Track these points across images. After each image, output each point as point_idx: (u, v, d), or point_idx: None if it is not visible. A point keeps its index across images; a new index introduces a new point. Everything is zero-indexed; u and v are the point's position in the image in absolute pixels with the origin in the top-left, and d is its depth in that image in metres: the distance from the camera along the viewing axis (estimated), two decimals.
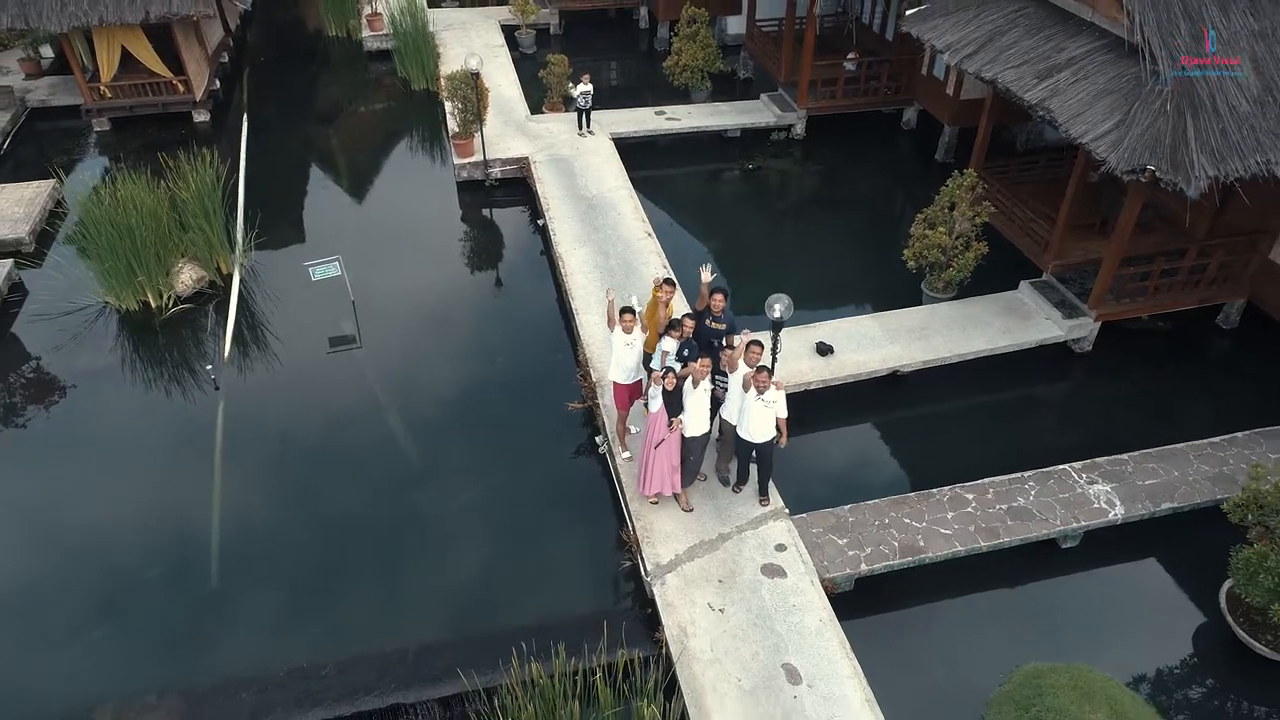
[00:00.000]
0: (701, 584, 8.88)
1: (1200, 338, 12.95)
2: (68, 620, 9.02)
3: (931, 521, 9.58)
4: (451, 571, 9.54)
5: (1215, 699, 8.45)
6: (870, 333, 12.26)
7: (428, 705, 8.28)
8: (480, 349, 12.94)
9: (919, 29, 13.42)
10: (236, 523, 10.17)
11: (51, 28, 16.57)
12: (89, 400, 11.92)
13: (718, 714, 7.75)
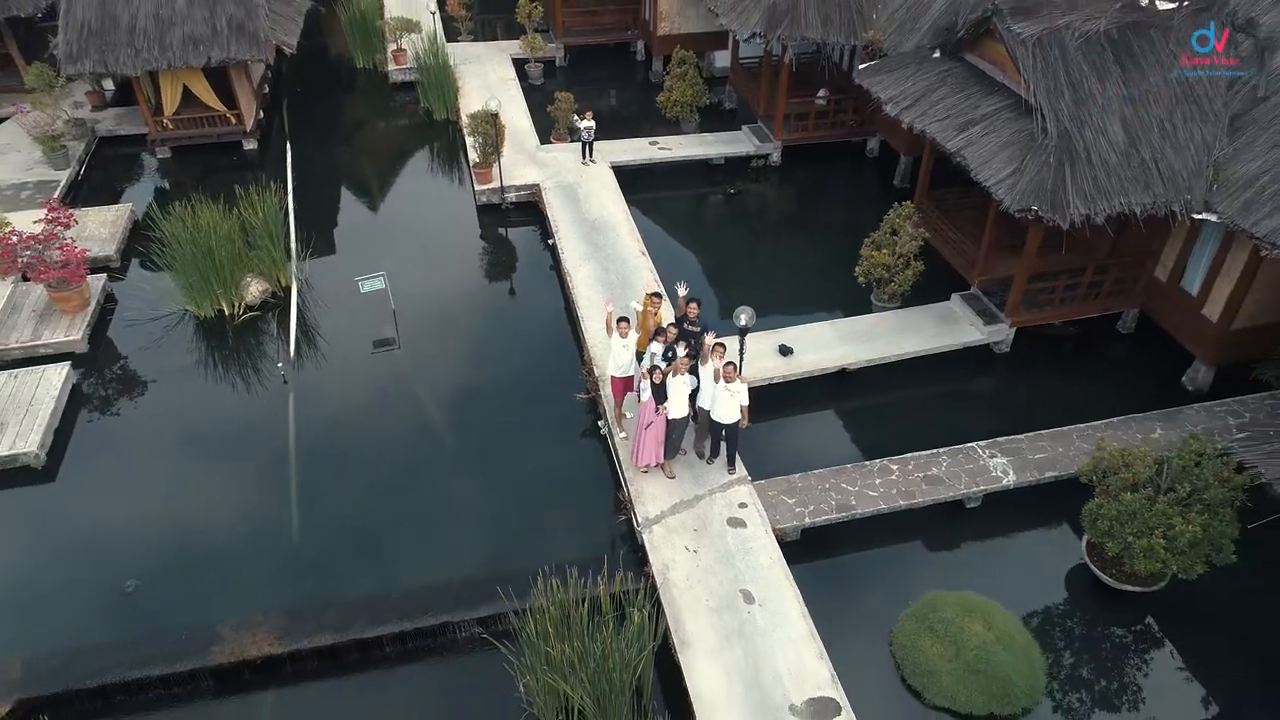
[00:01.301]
0: (680, 532, 11.44)
1: (1102, 340, 15.51)
2: (190, 561, 11.57)
3: (863, 486, 12.14)
4: (482, 524, 12.09)
5: (1071, 616, 11.02)
6: (825, 336, 14.83)
7: (469, 623, 10.84)
8: (501, 350, 15.50)
9: (869, 82, 15.99)
10: (309, 487, 12.71)
11: (128, 72, 19.12)
12: (182, 390, 14.47)
13: (691, 625, 10.31)
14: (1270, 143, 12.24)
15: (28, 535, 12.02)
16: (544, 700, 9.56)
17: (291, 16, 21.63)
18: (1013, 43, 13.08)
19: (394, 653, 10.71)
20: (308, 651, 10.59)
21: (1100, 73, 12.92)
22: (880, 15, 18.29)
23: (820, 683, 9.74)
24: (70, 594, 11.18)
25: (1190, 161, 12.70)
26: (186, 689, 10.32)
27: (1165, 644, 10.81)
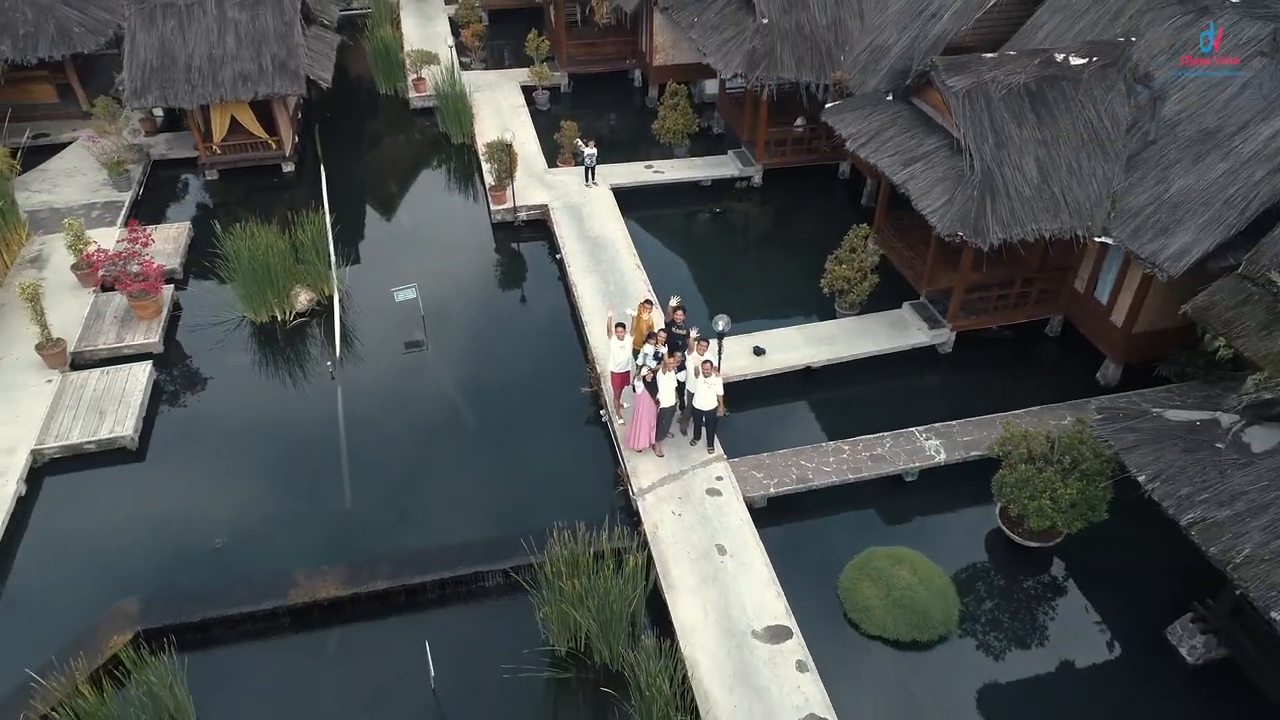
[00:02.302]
0: (668, 500, 13.98)
1: (1031, 342, 18.05)
2: (264, 523, 14.12)
3: (819, 463, 14.68)
4: (503, 495, 14.60)
5: (984, 566, 13.56)
6: (793, 339, 17.38)
7: (497, 573, 13.35)
8: (515, 349, 18.04)
9: (833, 120, 18.53)
10: (358, 465, 15.24)
11: (185, 105, 21.69)
12: (245, 384, 17.03)
13: (675, 570, 12.85)
14: (1156, 179, 14.80)
15: (130, 503, 14.55)
16: (558, 626, 12.10)
17: (325, 52, 24.17)
18: (947, 94, 15.63)
19: (435, 596, 13.24)
20: (366, 595, 13.09)
21: (1019, 119, 15.47)
22: (847, 57, 20.86)
23: (777, 614, 12.28)
24: (169, 550, 13.71)
25: (1093, 194, 15.25)
26: (269, 624, 12.82)
27: (1057, 586, 13.35)
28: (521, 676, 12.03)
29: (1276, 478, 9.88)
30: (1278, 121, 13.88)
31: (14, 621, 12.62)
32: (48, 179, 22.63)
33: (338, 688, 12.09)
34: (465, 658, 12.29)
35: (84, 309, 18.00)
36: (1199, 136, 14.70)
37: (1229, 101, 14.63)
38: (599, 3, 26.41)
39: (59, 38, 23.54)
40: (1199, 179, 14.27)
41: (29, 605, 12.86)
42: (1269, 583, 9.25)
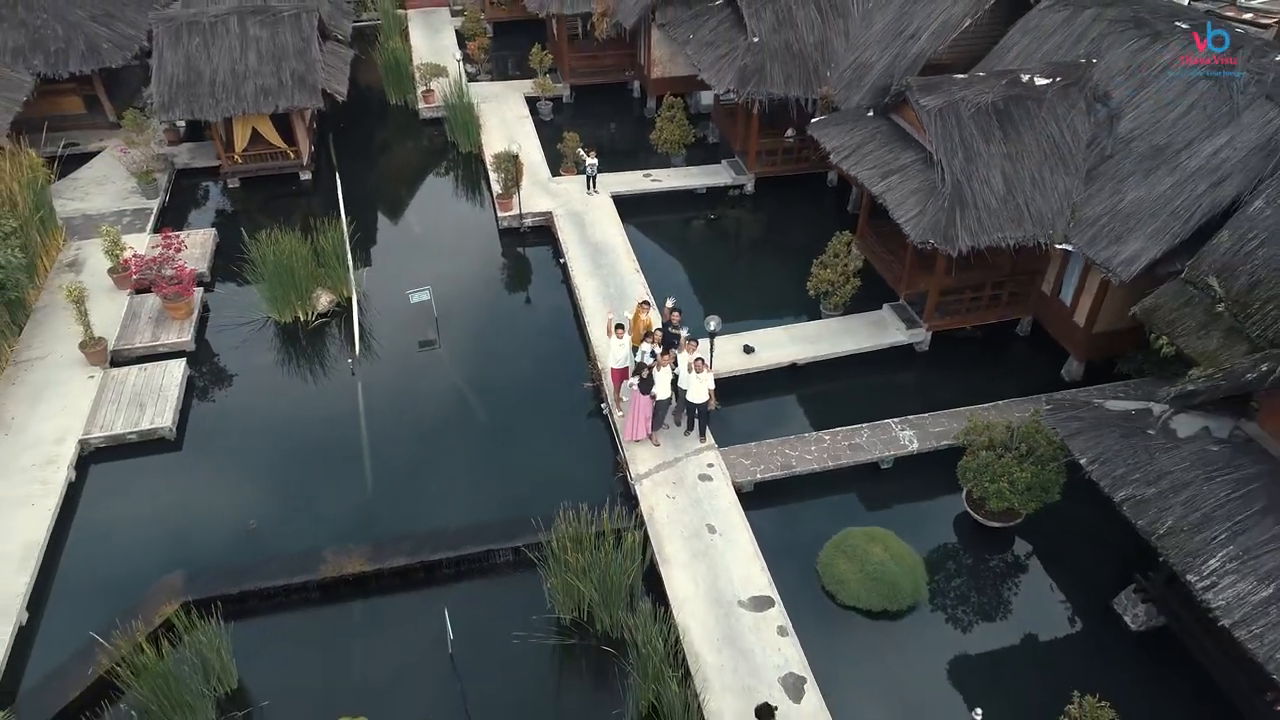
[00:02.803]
0: (663, 485, 15.30)
1: (1002, 341, 19.38)
2: (294, 506, 15.44)
3: (802, 452, 16.00)
4: (513, 480, 15.89)
5: (950, 544, 14.89)
6: (780, 338, 18.70)
7: (508, 550, 14.66)
8: (521, 348, 19.36)
9: (818, 134, 19.86)
10: (378, 453, 16.56)
11: (210, 118, 23.03)
12: (271, 379, 18.36)
13: (669, 547, 14.16)
14: (1111, 191, 16.13)
15: (170, 488, 15.87)
16: (564, 597, 13.43)
17: (340, 67, 25.50)
18: (921, 112, 16.95)
19: (452, 572, 14.56)
20: (388, 571, 14.40)
21: (987, 136, 16.80)
22: (833, 74, 22.19)
23: (761, 586, 13.60)
24: (208, 530, 15.03)
25: (1055, 205, 16.57)
26: (300, 596, 14.13)
27: (1016, 562, 14.67)
28: (531, 642, 13.36)
29: (1196, 459, 11.21)
30: (1219, 139, 15.20)
31: (72, 592, 13.95)
32: (79, 187, 23.95)
33: (364, 653, 13.40)
34: (480, 626, 13.58)
35: (120, 310, 19.30)
36: (1150, 152, 16.03)
37: (1177, 120, 15.96)
38: (599, 18, 27.71)
39: (88, 53, 24.89)
40: (1149, 191, 15.60)
41: (84, 578, 14.18)
42: (1186, 550, 10.56)
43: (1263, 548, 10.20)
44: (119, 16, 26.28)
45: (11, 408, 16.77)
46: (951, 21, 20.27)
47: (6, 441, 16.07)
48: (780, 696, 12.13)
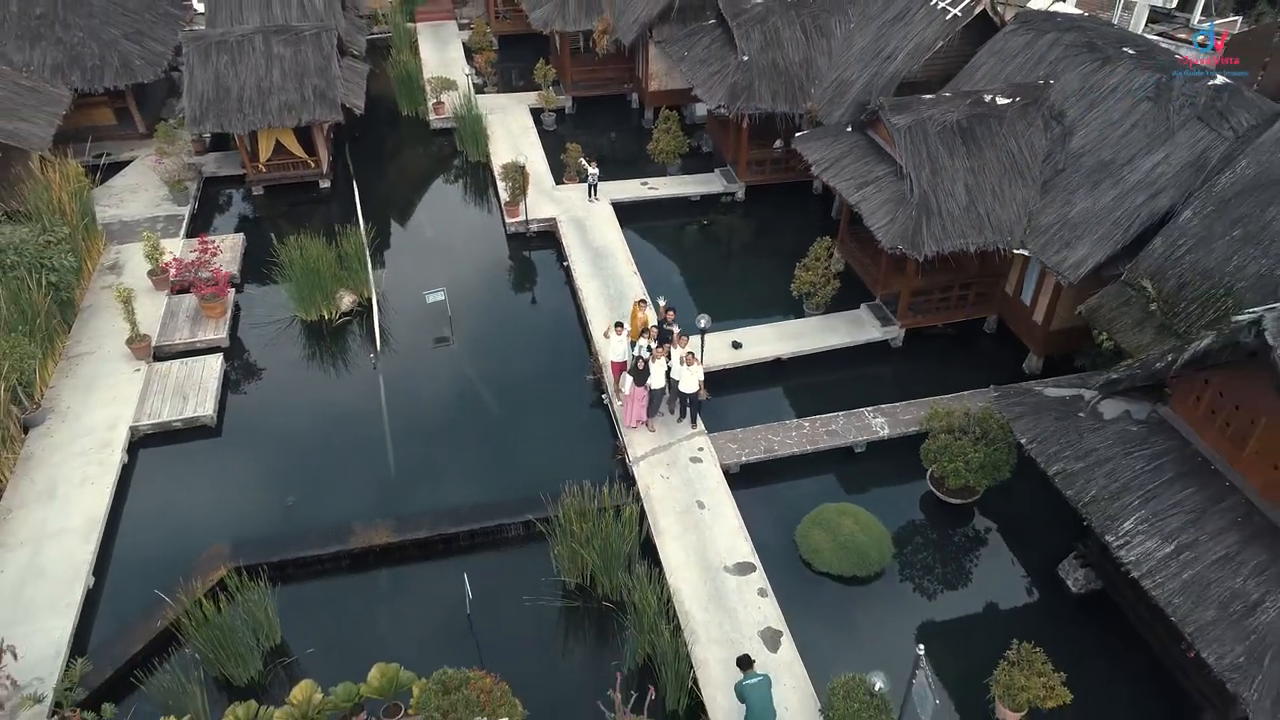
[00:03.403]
0: (658, 466, 17.01)
1: (970, 338, 21.09)
2: (325, 485, 17.14)
3: (784, 437, 17.71)
4: (523, 462, 17.60)
5: (915, 518, 16.60)
6: (766, 335, 20.41)
7: (518, 524, 16.36)
8: (529, 344, 21.07)
9: (801, 148, 21.58)
10: (399, 440, 18.25)
11: (237, 131, 24.74)
12: (300, 373, 20.07)
13: (663, 521, 15.87)
14: (1062, 201, 17.85)
15: (212, 470, 17.58)
16: (569, 564, 15.14)
17: (357, 82, 27.19)
18: (892, 129, 18.67)
19: (468, 543, 16.27)
20: (410, 542, 16.08)
21: (952, 151, 18.51)
22: (817, 90, 23.91)
23: (744, 554, 15.30)
24: (248, 506, 16.73)
25: (1013, 214, 18.28)
26: (333, 564, 15.83)
27: (973, 533, 16.38)
28: (540, 603, 15.08)
29: (1118, 438, 12.91)
30: (1157, 155, 16.92)
31: (132, 559, 15.65)
32: (114, 195, 25.66)
33: (391, 613, 15.10)
34: (494, 590, 15.26)
35: (160, 309, 21.00)
36: (1097, 166, 17.75)
37: (1121, 138, 17.69)
38: (600, 35, 29.42)
39: (122, 69, 26.62)
40: (1095, 202, 17.32)
41: (141, 547, 15.89)
42: (1105, 515, 12.27)
43: (1168, 511, 11.91)
44: (149, 34, 28.05)
45: (67, 398, 18.47)
46: (925, 43, 22.00)
47: (64, 428, 17.77)
48: (759, 648, 13.83)
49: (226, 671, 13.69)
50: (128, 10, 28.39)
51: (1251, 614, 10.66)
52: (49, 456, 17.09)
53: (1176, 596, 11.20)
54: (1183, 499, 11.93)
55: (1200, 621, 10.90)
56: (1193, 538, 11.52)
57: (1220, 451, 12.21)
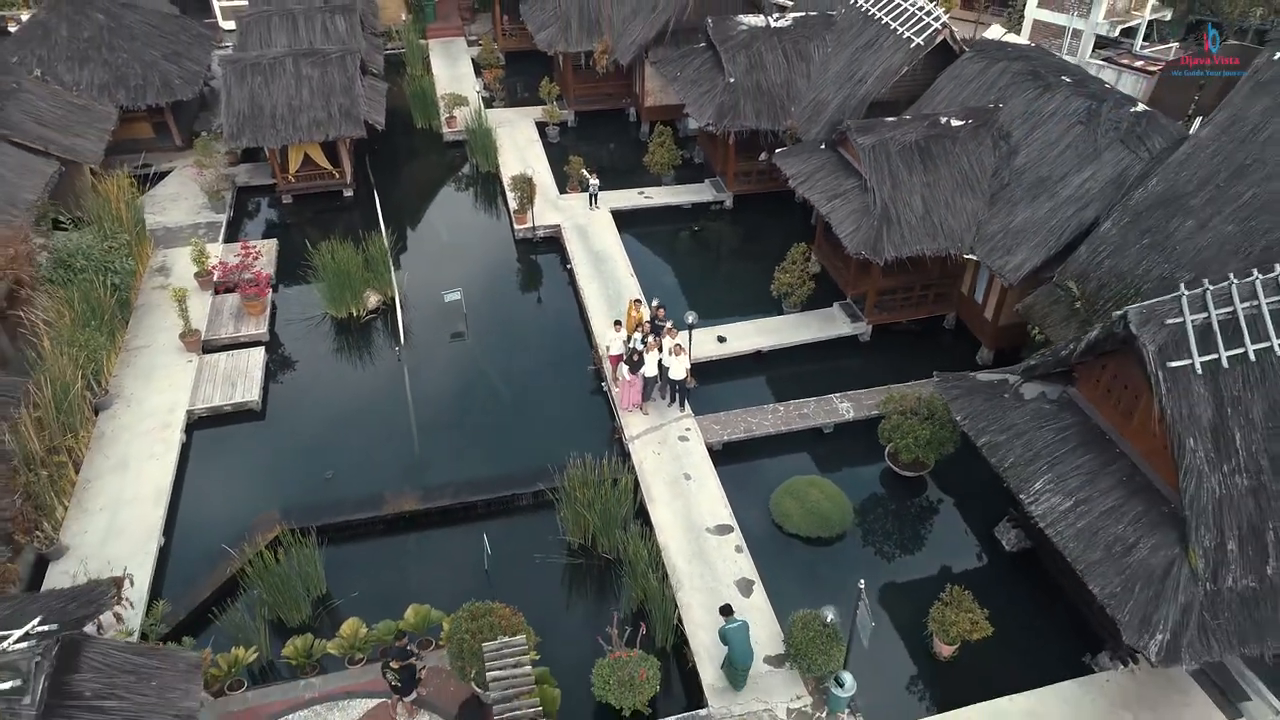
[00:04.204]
0: (651, 444, 19.47)
1: (932, 333, 23.55)
2: (359, 461, 19.60)
3: (761, 419, 20.17)
4: (531, 440, 20.04)
5: (873, 488, 19.07)
6: (748, 330, 22.87)
7: (529, 493, 18.82)
8: (536, 339, 23.55)
9: (781, 162, 24.05)
10: (422, 422, 20.72)
11: (271, 145, 27.22)
12: (332, 364, 22.55)
13: (655, 490, 18.33)
14: (1006, 212, 20.30)
15: (259, 449, 20.05)
16: (573, 526, 17.60)
17: (378, 100, 29.65)
18: (858, 148, 21.13)
19: (482, 511, 18.72)
20: (434, 509, 18.55)
21: (910, 167, 20.97)
22: (796, 109, 26.37)
23: (724, 518, 17.76)
24: (292, 479, 19.19)
25: (963, 223, 20.73)
26: (367, 528, 18.29)
27: (923, 501, 18.85)
28: (549, 560, 17.54)
29: (1034, 414, 15.35)
30: (1085, 173, 19.38)
31: (194, 522, 18.10)
32: (157, 203, 28.12)
33: (419, 569, 17.54)
34: (508, 549, 17.69)
35: (206, 307, 23.46)
36: (1036, 181, 20.22)
37: (1057, 157, 20.15)
38: (600, 55, 31.89)
39: (163, 87, 29.12)
40: (1033, 213, 19.78)
41: (203, 511, 18.35)
42: (1021, 477, 14.71)
43: (1070, 474, 14.35)
44: (185, 55, 30.58)
45: (129, 385, 20.94)
46: (892, 68, 24.47)
47: (129, 411, 20.24)
48: (734, 594, 16.29)
49: (282, 614, 16.13)
50: (165, 33, 30.96)
51: (1128, 553, 13.11)
52: (119, 435, 19.56)
53: (1072, 541, 13.65)
54: (1082, 463, 14.38)
55: (1089, 560, 13.35)
56: (1087, 494, 13.97)
57: (1113, 424, 14.67)
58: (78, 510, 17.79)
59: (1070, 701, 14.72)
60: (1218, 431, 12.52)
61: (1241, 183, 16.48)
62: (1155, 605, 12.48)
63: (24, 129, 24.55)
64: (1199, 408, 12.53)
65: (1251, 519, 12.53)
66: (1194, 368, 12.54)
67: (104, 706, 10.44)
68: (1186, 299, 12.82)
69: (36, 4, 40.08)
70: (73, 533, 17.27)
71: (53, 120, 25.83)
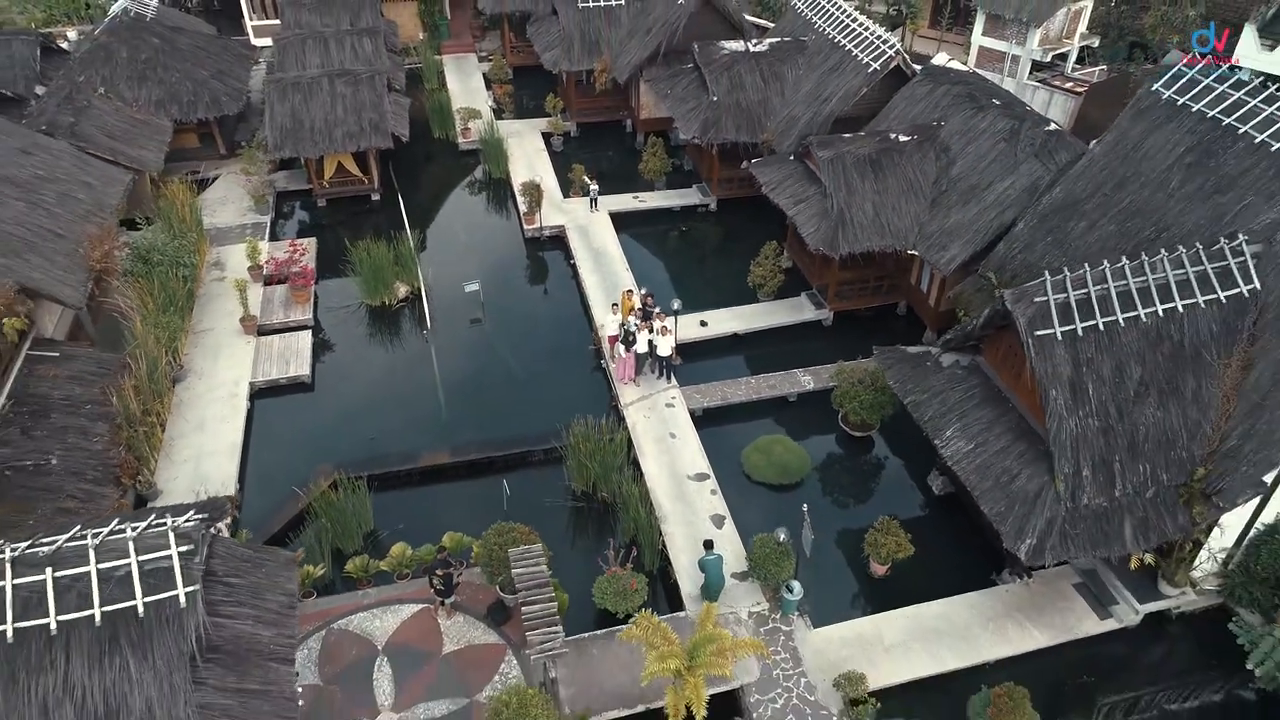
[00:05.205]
0: (641, 409, 23.18)
1: (886, 318, 27.27)
2: (397, 425, 23.30)
3: (736, 389, 23.89)
4: (541, 407, 23.68)
5: (828, 445, 22.77)
6: (727, 316, 26.58)
7: (540, 450, 22.52)
8: (543, 323, 27.29)
9: (756, 171, 27.76)
10: (448, 392, 24.43)
11: (309, 155, 30.91)
12: (369, 344, 26.27)
13: (645, 446, 22.03)
14: (942, 215, 24.01)
15: (310, 417, 23.75)
16: (577, 475, 21.29)
17: (402, 114, 33.36)
18: (819, 160, 24.84)
19: (501, 465, 22.40)
20: (462, 463, 22.26)
21: (863, 176, 24.66)
22: (772, 124, 30.08)
23: (702, 468, 21.46)
24: (340, 441, 22.85)
25: (908, 223, 24.42)
26: (405, 479, 21.97)
27: (869, 456, 22.56)
28: (557, 504, 21.24)
29: (949, 378, 19.04)
30: (1006, 182, 23.09)
31: (264, 470, 21.80)
32: (207, 206, 31.77)
33: (449, 510, 21.20)
34: (523, 495, 21.34)
35: (258, 297, 27.16)
36: (968, 189, 23.92)
37: (985, 168, 23.85)
38: (600, 73, 35.60)
39: (211, 103, 32.84)
40: (964, 215, 23.49)
41: (270, 464, 22.05)
42: (936, 427, 18.39)
43: (973, 424, 18.06)
44: (229, 73, 34.31)
45: (199, 362, 24.63)
46: (853, 89, 28.19)
47: (201, 383, 23.93)
48: (710, 527, 20.01)
49: (340, 543, 19.81)
50: (211, 53, 34.70)
51: (1012, 482, 16.82)
52: (194, 402, 23.27)
53: (972, 475, 17.37)
54: (982, 415, 18.09)
55: (983, 489, 17.06)
56: (985, 439, 17.68)
57: (1008, 384, 18.39)
58: (166, 461, 21.50)
59: (976, 607, 18.43)
60: (1075, 385, 16.25)
61: (1123, 192, 20.19)
62: (1028, 519, 16.20)
63: (97, 141, 28.30)
64: (1060, 367, 16.26)
65: (1102, 453, 16.25)
66: (1056, 336, 16.26)
67: (232, 582, 14.14)
68: (1050, 283, 16.55)
69: (78, 22, 43.96)
70: (164, 479, 20.98)
71: (119, 133, 29.58)
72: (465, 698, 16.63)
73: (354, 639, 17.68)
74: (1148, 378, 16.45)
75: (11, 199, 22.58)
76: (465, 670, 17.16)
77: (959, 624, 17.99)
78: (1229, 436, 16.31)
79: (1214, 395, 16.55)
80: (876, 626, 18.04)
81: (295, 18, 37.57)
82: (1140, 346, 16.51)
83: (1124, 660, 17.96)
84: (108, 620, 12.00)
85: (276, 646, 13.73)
